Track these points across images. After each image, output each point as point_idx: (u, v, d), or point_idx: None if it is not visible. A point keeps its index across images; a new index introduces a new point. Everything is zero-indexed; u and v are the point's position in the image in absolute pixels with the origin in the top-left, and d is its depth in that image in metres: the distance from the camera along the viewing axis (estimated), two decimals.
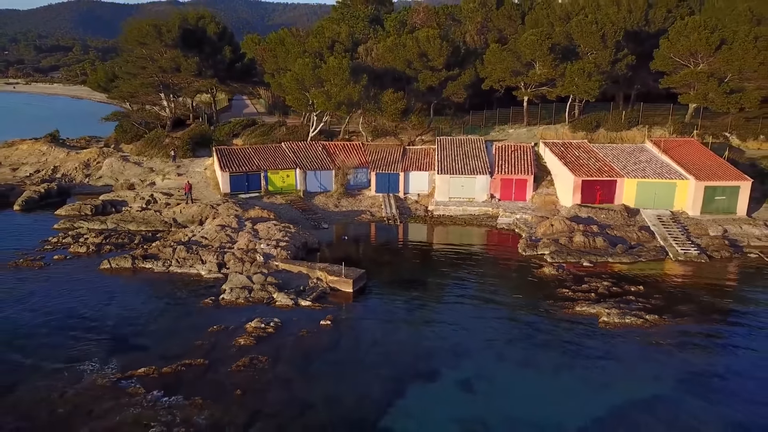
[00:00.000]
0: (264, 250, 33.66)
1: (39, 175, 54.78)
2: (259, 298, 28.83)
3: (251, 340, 24.61)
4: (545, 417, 20.09)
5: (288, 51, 58.64)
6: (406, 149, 50.11)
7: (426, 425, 19.60)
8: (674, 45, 49.48)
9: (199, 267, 32.61)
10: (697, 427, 19.66)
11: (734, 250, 36.20)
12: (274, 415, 19.87)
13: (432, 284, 32.32)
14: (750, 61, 46.10)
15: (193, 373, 22.24)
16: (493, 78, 53.91)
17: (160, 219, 41.44)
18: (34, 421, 19.51)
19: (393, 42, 55.55)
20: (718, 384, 22.34)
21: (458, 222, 43.17)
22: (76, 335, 25.36)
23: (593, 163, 43.94)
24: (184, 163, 54.05)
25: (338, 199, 46.15)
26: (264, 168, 46.51)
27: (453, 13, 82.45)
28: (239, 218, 38.78)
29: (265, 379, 21.96)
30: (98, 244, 36.55)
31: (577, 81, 49.17)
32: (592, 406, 20.77)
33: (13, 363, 23.06)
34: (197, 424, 19.13)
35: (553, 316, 27.58)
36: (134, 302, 28.94)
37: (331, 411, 20.15)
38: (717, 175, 41.20)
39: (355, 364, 23.40)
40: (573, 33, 53.08)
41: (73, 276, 32.09)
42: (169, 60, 59.41)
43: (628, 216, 40.88)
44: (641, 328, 26.14)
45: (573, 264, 34.06)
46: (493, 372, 22.88)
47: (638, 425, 19.78)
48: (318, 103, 49.30)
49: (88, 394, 20.79)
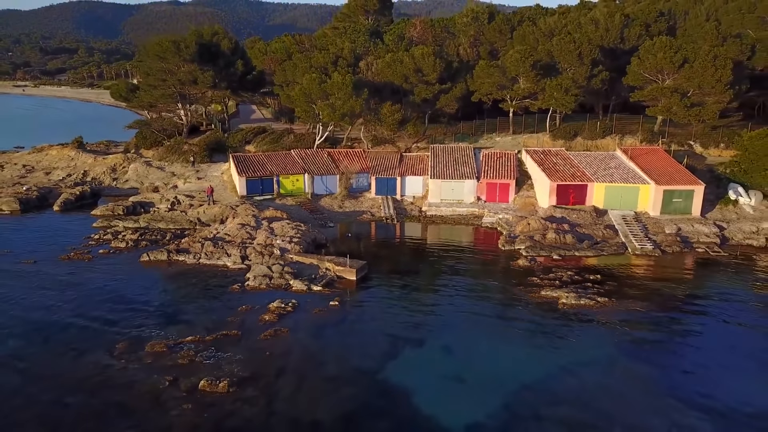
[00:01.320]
0: (280, 245, 39.42)
1: (71, 179, 60.52)
2: (278, 284, 34.58)
3: (274, 317, 30.34)
4: (507, 372, 25.81)
5: (296, 65, 64.36)
6: (403, 156, 55.82)
7: (414, 377, 25.27)
8: (643, 63, 55.19)
9: (225, 259, 38.34)
10: (625, 379, 25.36)
11: (685, 246, 41.98)
12: (296, 370, 25.58)
13: (423, 273, 38.08)
14: (708, 78, 51.83)
15: (230, 341, 27.95)
16: (481, 91, 59.63)
17: (186, 218, 47.18)
18: (113, 374, 25.21)
19: (391, 58, 61.25)
20: (646, 349, 28.04)
21: (448, 221, 48.94)
22: (130, 313, 31.09)
23: (568, 169, 49.67)
24: (202, 167, 59.81)
25: (342, 200, 51.89)
26: (276, 173, 52.25)
27: (448, 26, 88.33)
28: (256, 218, 44.49)
29: (287, 345, 27.68)
30: (135, 240, 42.31)
31: (555, 95, 54.91)
32: (545, 364, 26.48)
33: (89, 332, 28.79)
34: (238, 376, 24.84)
35: (522, 299, 33.33)
36: (174, 288, 34.70)
37: (340, 367, 25.90)
38: (675, 180, 46.95)
39: (359, 334, 29.15)
40: (553, 51, 58.85)
41: (118, 267, 37.80)
42: (187, 73, 65.03)
43: (596, 216, 46.62)
44: (593, 308, 31.88)
45: (544, 257, 39.79)
46: (469, 340, 28.60)
47: (580, 377, 25.47)
48: (324, 114, 55.03)
49: (151, 354, 26.51)
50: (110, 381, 24.62)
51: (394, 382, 24.87)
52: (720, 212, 47.12)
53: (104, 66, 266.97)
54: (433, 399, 23.68)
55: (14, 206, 51.06)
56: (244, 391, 23.85)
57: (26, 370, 25.56)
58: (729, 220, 45.78)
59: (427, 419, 22.50)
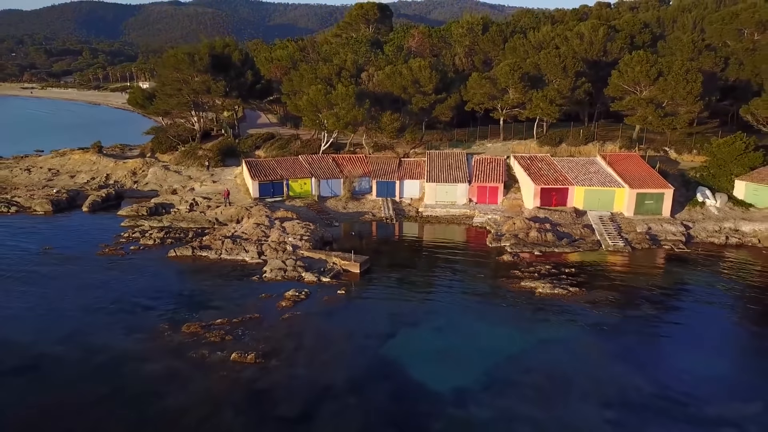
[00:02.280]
0: (292, 242, 44.40)
1: (95, 182, 65.50)
2: (291, 276, 39.53)
3: (290, 303, 35.30)
4: (488, 347, 30.74)
5: (302, 76, 69.28)
6: (402, 161, 60.77)
7: (410, 351, 30.21)
8: (623, 75, 60.19)
9: (244, 255, 43.30)
10: (585, 352, 30.33)
11: (653, 243, 46.97)
12: (310, 345, 30.51)
13: (419, 267, 43.05)
14: (680, 91, 56.80)
15: (254, 322, 32.89)
16: (474, 101, 64.59)
17: (205, 218, 52.14)
18: (159, 348, 30.16)
19: (391, 70, 66.20)
20: (605, 329, 32.97)
21: (442, 221, 53.92)
22: (165, 301, 36.04)
23: (551, 174, 54.65)
24: (216, 171, 64.77)
25: (346, 202, 56.86)
26: (285, 177, 57.22)
27: (445, 36, 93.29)
28: (269, 218, 49.43)
29: (302, 326, 32.63)
30: (162, 238, 47.29)
31: (541, 105, 59.91)
32: (520, 341, 31.43)
33: (133, 315, 33.76)
34: (262, 350, 29.77)
35: (504, 288, 38.29)
36: (200, 279, 39.63)
37: (347, 343, 30.86)
38: (647, 183, 51.94)
39: (362, 317, 34.11)
40: (540, 64, 63.82)
41: (149, 262, 42.75)
42: (201, 83, 70.06)
43: (576, 216, 51.59)
44: (565, 296, 36.83)
45: (527, 253, 44.75)
46: (457, 322, 33.56)
47: (548, 351, 30.43)
48: (329, 123, 60.02)
49: (188, 333, 31.46)
50: (157, 354, 29.57)
51: (392, 355, 29.85)
52: (688, 213, 52.08)
53: (109, 68, 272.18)
54: (425, 368, 28.62)
55: (47, 207, 56.00)
56: (269, 361, 28.80)
57: (86, 344, 30.50)
58: (695, 220, 50.76)
59: (419, 384, 27.45)
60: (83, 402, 25.65)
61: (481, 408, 25.60)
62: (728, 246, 47.22)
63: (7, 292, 36.95)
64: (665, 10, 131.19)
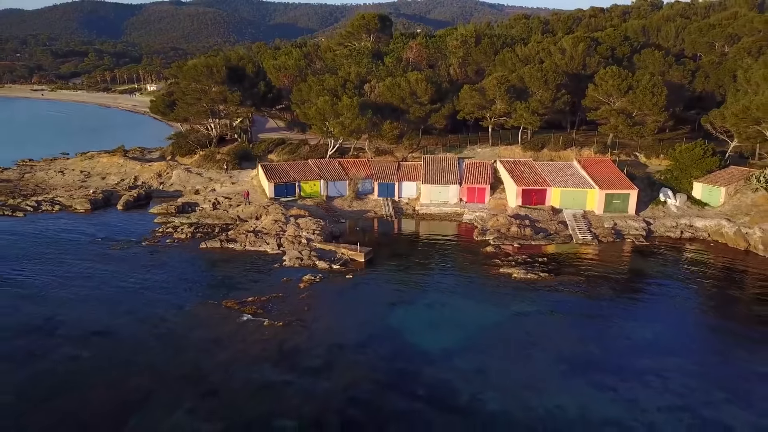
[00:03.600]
0: (306, 236, 51.75)
1: (125, 183, 72.86)
2: (307, 264, 46.86)
3: (307, 285, 42.65)
4: (469, 319, 38.06)
5: (310, 87, 76.56)
6: (400, 164, 68.08)
7: (406, 321, 37.55)
8: (597, 88, 67.54)
9: (265, 246, 50.62)
10: (549, 322, 37.68)
11: (617, 237, 54.33)
12: (325, 317, 37.83)
13: (415, 257, 50.40)
14: (647, 103, 64.13)
15: (278, 300, 40.21)
16: (465, 111, 71.87)
17: (228, 216, 59.42)
18: (205, 319, 37.50)
19: (390, 82, 73.47)
20: (567, 305, 40.29)
21: (436, 218, 61.28)
22: (203, 283, 43.42)
23: (532, 176, 61.99)
24: (234, 173, 72.12)
25: (351, 201, 64.16)
26: (297, 179, 64.53)
27: (440, 47, 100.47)
28: (285, 215, 56.75)
29: (318, 302, 39.96)
30: (192, 233, 54.62)
31: (524, 115, 67.22)
32: (496, 315, 38.74)
33: (178, 295, 41.13)
34: (288, 319, 37.09)
35: (486, 273, 45.67)
36: (230, 266, 46.93)
37: (355, 315, 38.23)
38: (615, 185, 59.29)
39: (367, 296, 41.47)
40: (524, 77, 71.10)
41: (184, 252, 50.10)
42: (218, 93, 77.37)
43: (553, 214, 58.93)
44: (536, 280, 44.19)
45: (508, 245, 52.08)
46: (445, 300, 40.91)
47: (518, 322, 37.77)
48: (336, 131, 67.33)
49: (227, 308, 38.81)
50: (205, 323, 36.94)
51: (392, 324, 37.23)
52: (651, 211, 59.43)
53: (117, 70, 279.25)
54: (419, 333, 35.99)
55: (86, 206, 63.32)
56: (293, 328, 36.15)
57: (145, 317, 37.84)
58: (656, 217, 58.11)
59: (414, 344, 34.80)
60: (151, 359, 32.98)
61: (463, 361, 32.96)
62: (682, 239, 54.58)
63: (72, 278, 44.26)
64: (651, 18, 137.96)
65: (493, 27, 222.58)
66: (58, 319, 37.52)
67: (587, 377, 31.44)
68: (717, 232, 54.37)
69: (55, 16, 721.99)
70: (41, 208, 62.86)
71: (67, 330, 36.19)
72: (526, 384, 30.72)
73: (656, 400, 29.45)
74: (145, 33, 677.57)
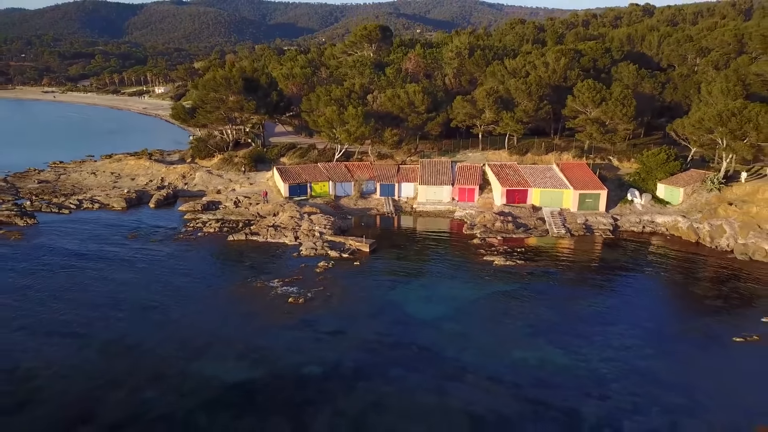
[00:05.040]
0: (319, 230, 60.20)
1: (153, 184, 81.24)
2: (320, 253, 55.26)
3: (321, 269, 51.07)
4: (457, 296, 46.47)
5: (319, 97, 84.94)
6: (400, 167, 76.48)
7: (404, 298, 45.97)
8: (575, 99, 75.95)
9: (284, 239, 59.04)
10: (522, 297, 46.13)
11: (587, 231, 62.78)
12: (338, 295, 46.23)
13: (412, 248, 58.86)
14: (618, 113, 72.51)
15: (299, 281, 48.59)
16: (458, 119, 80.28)
17: (249, 213, 67.85)
18: (239, 297, 45.91)
19: (391, 93, 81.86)
20: (537, 285, 48.72)
21: (431, 215, 69.74)
22: (234, 269, 51.89)
23: (516, 178, 70.44)
24: (250, 175, 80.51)
25: (356, 200, 72.58)
26: (308, 180, 72.95)
27: (437, 57, 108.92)
28: (299, 212, 65.17)
29: (332, 283, 48.37)
30: (219, 227, 63.03)
31: (510, 124, 75.65)
32: (478, 292, 47.18)
33: (214, 279, 49.57)
34: (308, 296, 45.54)
35: (472, 260, 54.14)
36: (255, 255, 55.32)
37: (362, 294, 46.69)
38: (588, 186, 67.74)
39: (372, 278, 49.90)
40: (511, 89, 79.52)
41: (213, 244, 58.52)
42: (235, 102, 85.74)
43: (533, 211, 67.36)
44: (514, 266, 52.63)
45: (492, 238, 60.52)
46: (437, 281, 49.39)
47: (497, 297, 46.22)
48: (342, 138, 75.77)
49: (257, 288, 47.24)
50: (241, 299, 45.41)
51: (393, 299, 45.71)
52: (619, 209, 67.86)
53: (124, 73, 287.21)
54: (415, 306, 44.42)
55: (122, 204, 71.70)
56: (312, 303, 44.60)
57: (185, 296, 46.27)
58: (623, 214, 66.56)
59: (409, 315, 43.23)
60: (204, 324, 41.43)
61: (449, 326, 41.42)
62: (644, 233, 63.04)
63: (119, 265, 52.66)
64: (637, 27, 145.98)
65: (489, 32, 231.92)
66: (121, 297, 45.97)
67: (547, 338, 39.90)
68: (673, 226, 62.87)
69: (57, 16, 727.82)
70: (82, 206, 71.25)
71: (132, 304, 44.61)
72: (498, 342, 39.21)
73: (599, 353, 37.93)
74: (147, 32, 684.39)
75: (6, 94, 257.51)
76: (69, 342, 38.91)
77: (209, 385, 33.90)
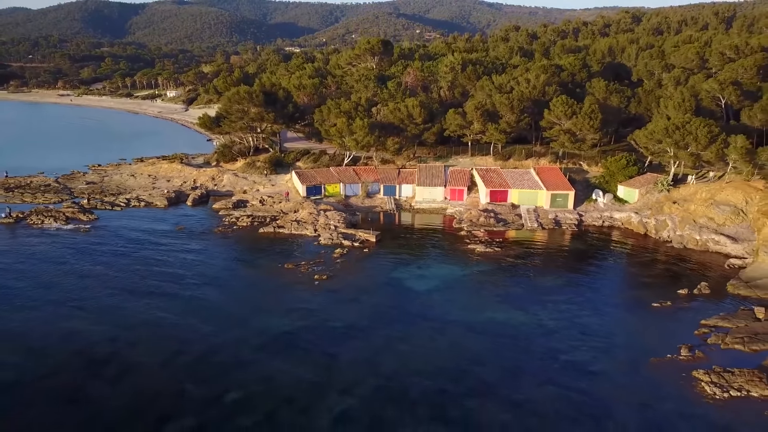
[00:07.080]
0: (333, 224, 72.98)
1: (187, 185, 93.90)
2: (336, 242, 67.99)
3: (338, 255, 63.82)
4: (445, 276, 59.19)
5: (329, 110, 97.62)
6: (400, 171, 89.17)
7: (405, 277, 58.69)
8: (551, 112, 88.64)
9: (305, 231, 71.77)
10: (497, 276, 58.89)
11: (556, 225, 75.59)
12: (352, 274, 58.97)
13: (411, 239, 71.66)
14: (586, 125, 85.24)
15: (320, 264, 61.25)
16: (450, 129, 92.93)
17: (273, 210, 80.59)
18: (274, 276, 58.66)
19: (393, 107, 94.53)
20: (511, 267, 61.44)
21: (426, 212, 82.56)
22: (266, 253, 64.70)
23: (498, 180, 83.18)
24: (272, 178, 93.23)
25: (362, 200, 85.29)
26: (322, 182, 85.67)
27: (434, 71, 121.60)
28: (316, 210, 77.87)
29: (346, 266, 61.08)
30: (250, 222, 75.77)
31: (494, 134, 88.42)
32: (462, 272, 59.89)
33: (255, 263, 62.39)
34: (328, 274, 58.24)
35: (458, 249, 66.94)
36: (283, 243, 68.05)
37: (372, 273, 59.49)
38: (559, 187, 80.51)
39: (378, 262, 62.67)
40: (495, 103, 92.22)
41: (247, 236, 71.26)
42: (256, 113, 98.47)
43: (512, 209, 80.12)
44: (492, 254, 65.38)
45: (477, 230, 73.25)
46: (430, 264, 62.20)
47: (477, 277, 58.96)
48: (351, 145, 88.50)
49: (289, 269, 59.90)
50: (274, 277, 58.16)
51: (395, 277, 58.51)
52: (585, 207, 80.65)
53: (136, 76, 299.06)
54: (412, 282, 57.17)
55: (164, 202, 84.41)
56: (333, 280, 57.37)
57: (231, 278, 59.04)
58: (587, 211, 79.34)
59: (408, 288, 55.99)
60: (248, 296, 54.19)
61: (439, 296, 54.22)
62: (604, 227, 75.84)
63: (169, 254, 65.25)
64: (618, 38, 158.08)
65: (485, 38, 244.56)
66: (187, 273, 58.67)
67: (512, 304, 52.68)
68: (628, 221, 75.70)
69: (60, 15, 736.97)
70: (131, 204, 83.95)
71: (200, 278, 57.30)
72: (475, 306, 52.02)
73: (551, 316, 50.67)
74: (149, 32, 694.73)
75: (25, 97, 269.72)
76: (170, 301, 51.94)
77: (267, 333, 46.66)
